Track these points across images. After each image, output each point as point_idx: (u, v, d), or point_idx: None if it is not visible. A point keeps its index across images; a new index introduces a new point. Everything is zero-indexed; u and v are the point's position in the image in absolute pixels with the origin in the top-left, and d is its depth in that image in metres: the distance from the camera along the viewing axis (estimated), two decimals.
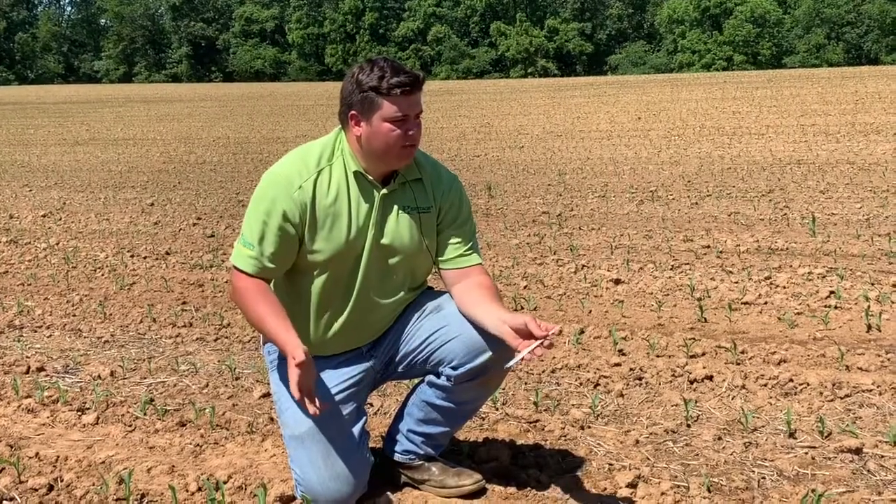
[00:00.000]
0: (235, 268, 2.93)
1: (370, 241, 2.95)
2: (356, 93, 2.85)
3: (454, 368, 2.97)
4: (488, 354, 2.94)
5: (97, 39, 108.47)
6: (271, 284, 3.02)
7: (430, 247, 3.04)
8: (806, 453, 3.44)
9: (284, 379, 3.06)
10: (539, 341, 2.61)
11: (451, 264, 3.05)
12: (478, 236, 3.20)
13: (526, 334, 2.67)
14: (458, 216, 3.06)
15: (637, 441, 3.59)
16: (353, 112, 2.88)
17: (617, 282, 6.38)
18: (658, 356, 4.70)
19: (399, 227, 2.98)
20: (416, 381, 3.24)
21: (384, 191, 2.96)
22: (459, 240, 3.05)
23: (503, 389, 4.21)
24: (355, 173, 2.94)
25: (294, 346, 2.68)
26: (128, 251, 8.23)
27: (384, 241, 2.97)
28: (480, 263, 3.06)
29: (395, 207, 2.98)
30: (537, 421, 3.82)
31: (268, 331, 2.82)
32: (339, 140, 2.99)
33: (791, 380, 4.22)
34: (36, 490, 3.24)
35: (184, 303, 6.28)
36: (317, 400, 2.73)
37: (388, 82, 2.80)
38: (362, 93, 2.84)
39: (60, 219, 10.47)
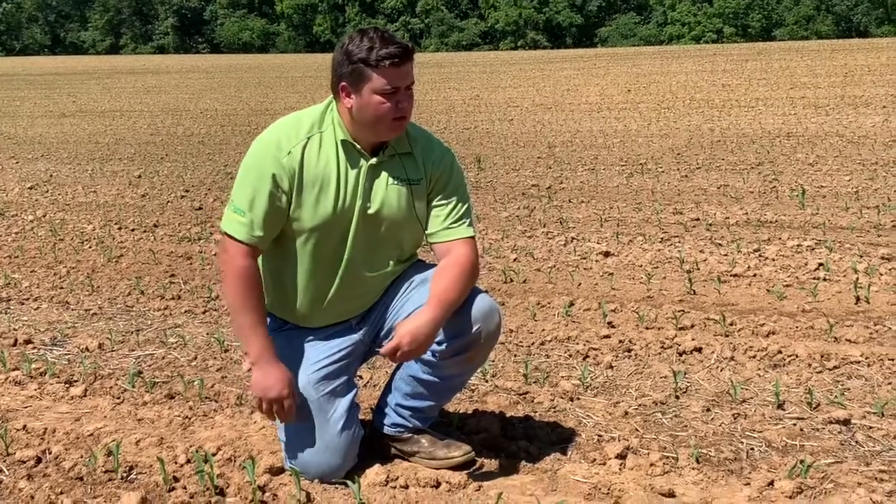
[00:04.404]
0: (226, 234, 2.92)
1: (358, 211, 2.93)
2: (346, 64, 2.82)
3: (439, 343, 2.94)
4: (473, 330, 2.93)
5: (83, 10, 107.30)
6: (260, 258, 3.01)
7: (420, 218, 3.01)
8: (794, 424, 3.45)
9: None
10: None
11: (437, 237, 3.02)
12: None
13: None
14: (447, 187, 3.03)
15: (626, 412, 3.60)
16: (343, 84, 2.85)
17: (606, 254, 6.37)
18: (647, 328, 4.71)
19: (387, 197, 2.95)
20: None
21: (372, 160, 2.93)
22: (446, 212, 3.02)
23: (492, 361, 4.21)
24: (343, 142, 2.92)
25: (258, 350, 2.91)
26: (115, 223, 8.18)
27: (371, 211, 2.94)
28: (469, 237, 3.02)
29: (385, 178, 2.96)
30: (527, 393, 3.82)
31: (239, 325, 2.94)
32: (331, 108, 2.97)
33: (780, 351, 4.23)
34: (24, 462, 3.23)
35: (172, 275, 6.25)
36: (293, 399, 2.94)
37: (377, 54, 2.76)
38: (352, 64, 2.81)
39: (47, 191, 10.40)
